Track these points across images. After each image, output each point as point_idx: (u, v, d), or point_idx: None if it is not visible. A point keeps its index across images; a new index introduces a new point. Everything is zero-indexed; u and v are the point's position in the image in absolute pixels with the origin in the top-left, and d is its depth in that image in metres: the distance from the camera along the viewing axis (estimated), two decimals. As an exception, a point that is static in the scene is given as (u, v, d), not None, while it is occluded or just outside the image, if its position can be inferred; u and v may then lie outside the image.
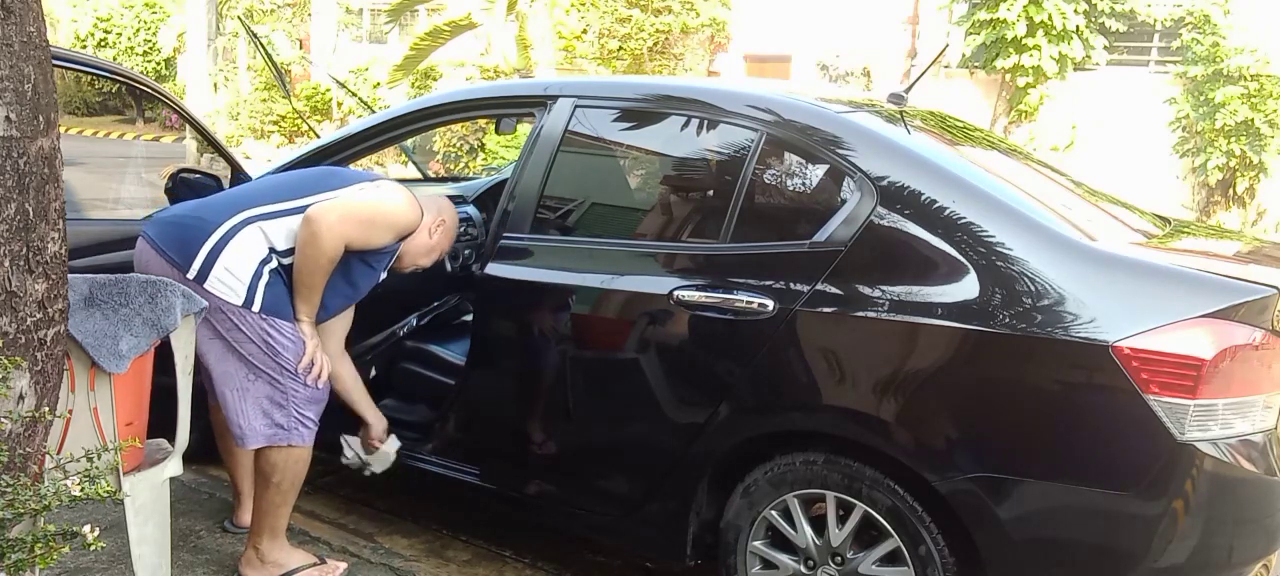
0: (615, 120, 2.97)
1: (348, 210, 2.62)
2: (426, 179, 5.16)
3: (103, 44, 20.64)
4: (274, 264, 2.61)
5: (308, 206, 2.61)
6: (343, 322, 2.88)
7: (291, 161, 3.36)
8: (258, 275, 2.56)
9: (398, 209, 2.70)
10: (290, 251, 2.62)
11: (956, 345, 2.18)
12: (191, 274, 2.50)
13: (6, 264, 1.82)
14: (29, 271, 1.86)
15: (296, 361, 2.61)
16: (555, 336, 2.76)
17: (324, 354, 2.68)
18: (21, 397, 1.87)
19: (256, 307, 2.55)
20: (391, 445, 3.00)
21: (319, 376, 2.65)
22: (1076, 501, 2.09)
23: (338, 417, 2.90)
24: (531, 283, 2.79)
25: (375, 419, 2.98)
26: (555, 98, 2.89)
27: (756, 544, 2.53)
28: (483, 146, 11.74)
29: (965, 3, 11.88)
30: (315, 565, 2.81)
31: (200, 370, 2.73)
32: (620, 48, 13.62)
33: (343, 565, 2.87)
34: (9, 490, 1.68)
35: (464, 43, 12.07)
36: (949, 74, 12.09)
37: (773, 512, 2.48)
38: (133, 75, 3.48)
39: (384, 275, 2.83)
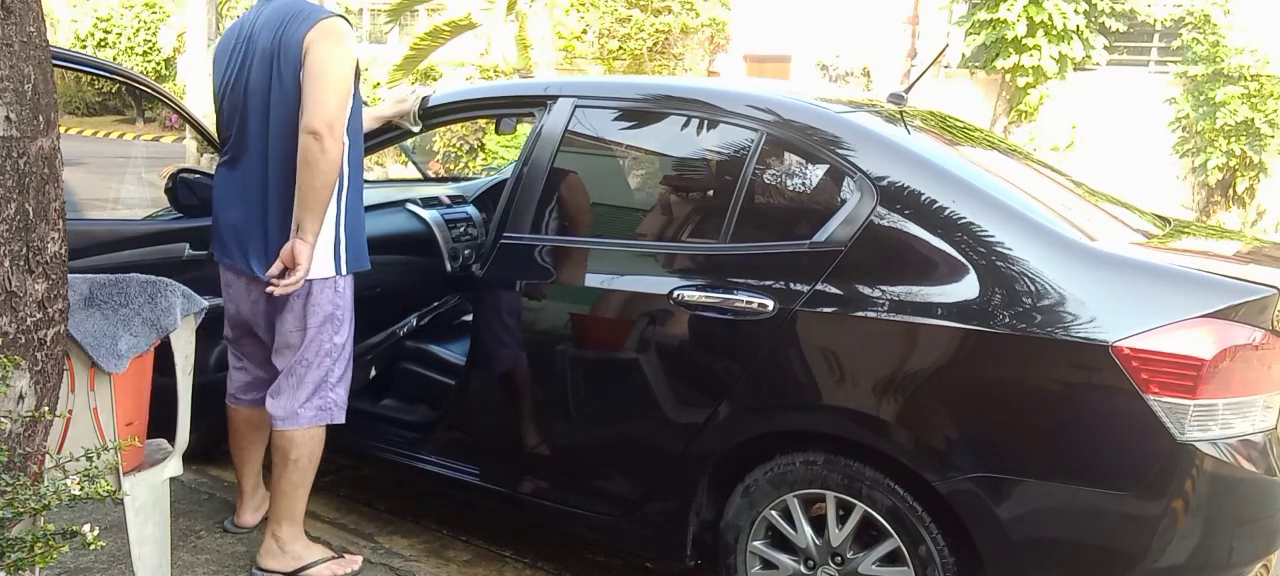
0: (615, 120, 2.97)
1: (336, 95, 2.51)
2: (426, 179, 5.17)
3: (103, 44, 20.64)
4: (345, 188, 2.61)
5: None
6: None
7: None
8: (338, 225, 2.61)
9: (347, 36, 2.58)
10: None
11: (956, 345, 2.18)
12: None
13: (6, 264, 1.82)
14: (29, 271, 1.86)
15: (348, 326, 2.71)
16: (555, 336, 2.76)
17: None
18: (21, 397, 1.87)
19: (343, 270, 2.64)
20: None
21: (291, 283, 2.52)
22: (1076, 501, 2.09)
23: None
24: (531, 282, 2.79)
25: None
26: (555, 98, 2.89)
27: (756, 544, 2.53)
28: (483, 146, 11.73)
29: (965, 3, 11.87)
30: (333, 558, 2.83)
31: (247, 355, 2.84)
32: (620, 48, 13.60)
33: (359, 559, 2.88)
34: (9, 489, 1.68)
35: (464, 43, 12.06)
36: (949, 74, 12.08)
37: (773, 512, 2.48)
38: (133, 75, 3.48)
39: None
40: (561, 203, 2.94)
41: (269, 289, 2.55)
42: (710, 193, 2.92)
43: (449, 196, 4.18)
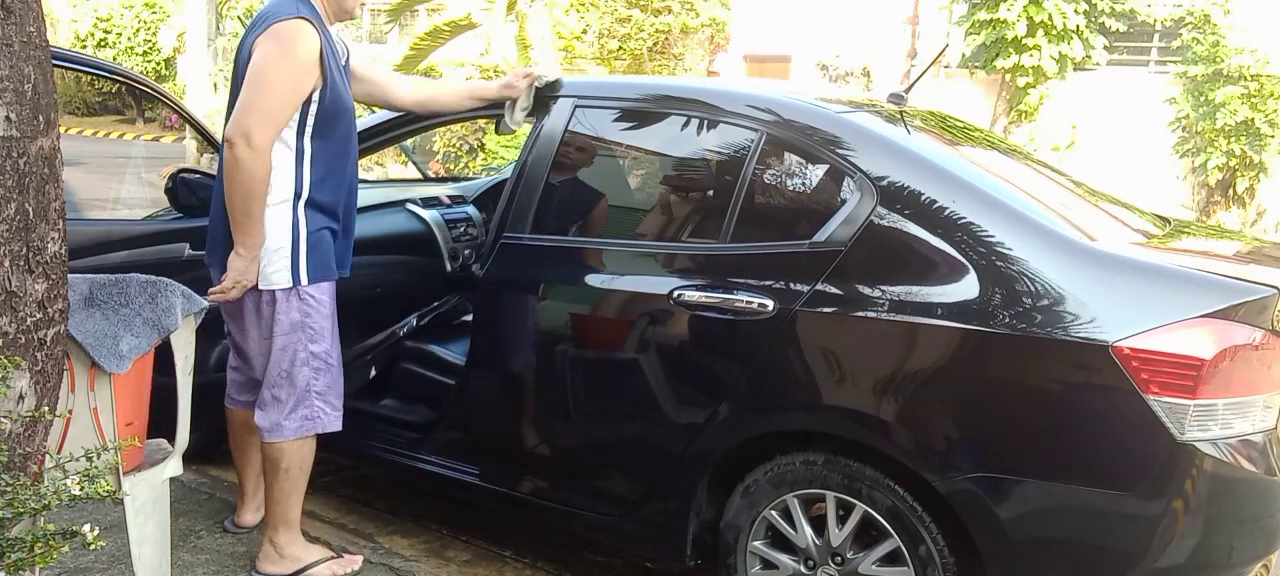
0: (615, 120, 2.96)
1: (261, 103, 2.38)
2: (426, 179, 5.17)
3: (103, 44, 20.63)
4: (304, 196, 2.54)
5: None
6: None
7: None
8: (295, 235, 2.54)
9: (295, 40, 2.40)
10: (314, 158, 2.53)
11: (956, 345, 2.18)
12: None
13: (6, 264, 1.82)
14: (29, 271, 1.86)
15: (327, 335, 2.63)
16: (555, 336, 2.76)
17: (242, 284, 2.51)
18: (21, 397, 1.87)
19: (304, 281, 2.57)
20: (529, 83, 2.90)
21: (218, 292, 2.50)
22: (1076, 501, 2.10)
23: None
24: (531, 282, 2.79)
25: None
26: (555, 98, 2.89)
27: (756, 544, 2.53)
28: (483, 146, 11.73)
29: (965, 3, 11.87)
30: (332, 558, 2.83)
31: (240, 362, 2.78)
32: (620, 48, 13.61)
33: (359, 559, 2.88)
34: (9, 490, 1.68)
35: (464, 43, 12.07)
36: (949, 74, 12.08)
37: (773, 512, 2.48)
38: (133, 75, 3.48)
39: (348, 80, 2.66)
40: (562, 202, 2.94)
41: (210, 293, 2.53)
42: (710, 193, 2.92)
43: (449, 196, 4.18)
